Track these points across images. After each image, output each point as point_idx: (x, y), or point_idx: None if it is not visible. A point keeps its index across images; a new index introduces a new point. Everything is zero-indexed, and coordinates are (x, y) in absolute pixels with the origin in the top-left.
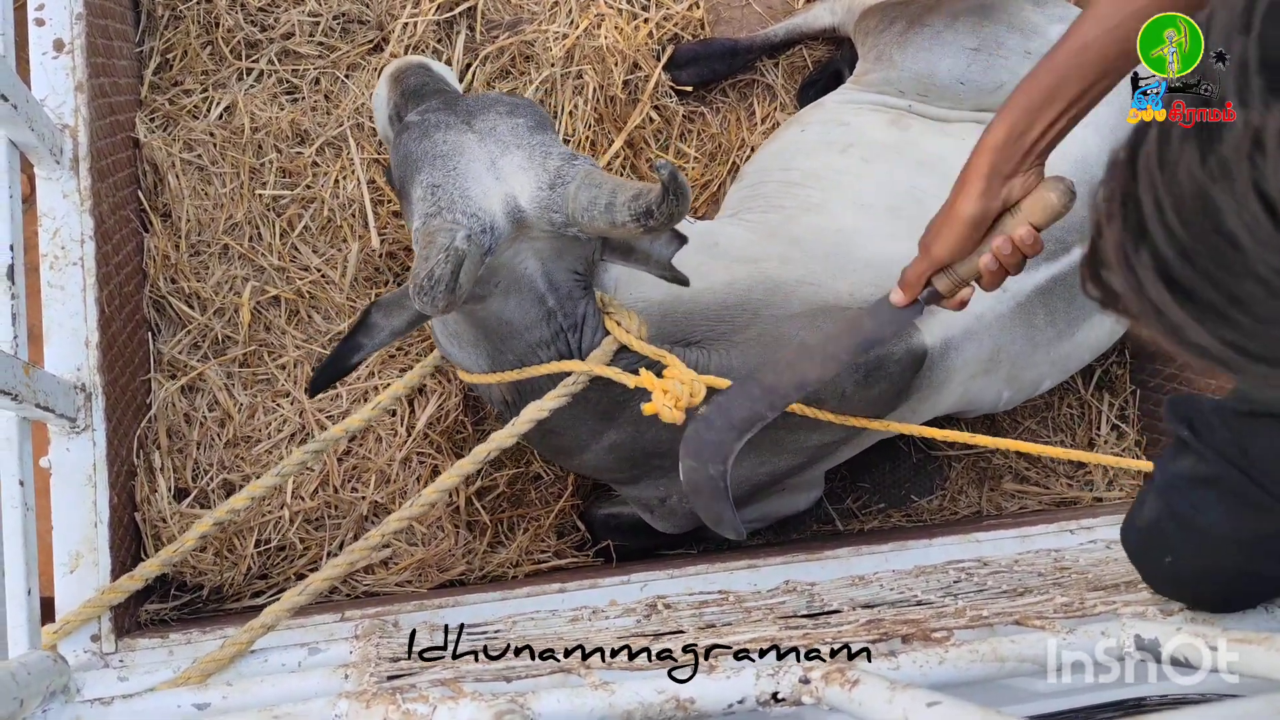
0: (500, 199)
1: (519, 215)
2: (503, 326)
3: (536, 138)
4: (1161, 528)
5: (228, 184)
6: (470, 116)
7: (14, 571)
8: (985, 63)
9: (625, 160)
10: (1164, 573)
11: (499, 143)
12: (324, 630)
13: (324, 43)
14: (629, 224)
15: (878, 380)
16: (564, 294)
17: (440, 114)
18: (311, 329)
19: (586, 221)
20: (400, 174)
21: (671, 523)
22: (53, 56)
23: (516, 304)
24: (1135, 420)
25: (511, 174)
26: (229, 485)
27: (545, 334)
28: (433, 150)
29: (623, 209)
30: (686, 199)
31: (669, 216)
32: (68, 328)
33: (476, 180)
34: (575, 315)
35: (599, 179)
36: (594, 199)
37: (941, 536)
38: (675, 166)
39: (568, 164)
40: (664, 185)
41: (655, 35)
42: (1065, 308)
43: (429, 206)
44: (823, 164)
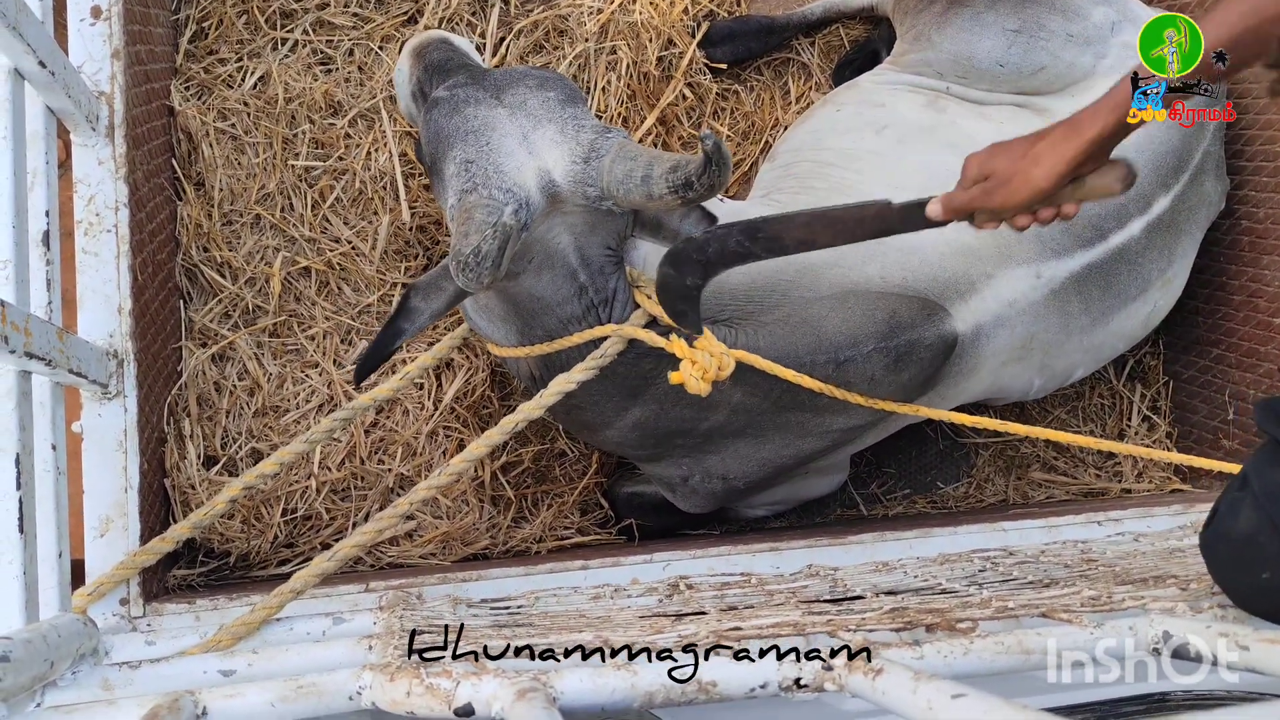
0: (534, 173)
1: (553, 189)
2: (534, 302)
3: (568, 111)
4: (1259, 541)
5: (261, 154)
6: (499, 91)
7: (45, 535)
8: (1026, 45)
9: (658, 137)
10: (1257, 587)
11: (530, 116)
12: (348, 600)
13: (359, 14)
14: (666, 196)
15: (908, 365)
16: (596, 269)
17: (469, 88)
18: (341, 300)
19: (622, 194)
20: (431, 150)
21: (693, 502)
22: (90, 23)
23: (549, 279)
24: (1167, 412)
25: (545, 148)
26: (257, 454)
27: (577, 309)
28: (464, 126)
29: (660, 181)
30: (728, 170)
31: (709, 187)
32: (101, 294)
33: (510, 155)
34: (606, 290)
35: (634, 151)
36: (630, 171)
37: (967, 524)
38: (719, 137)
39: (601, 137)
40: (707, 155)
41: (690, 11)
42: (1100, 295)
43: (464, 183)
44: (857, 144)
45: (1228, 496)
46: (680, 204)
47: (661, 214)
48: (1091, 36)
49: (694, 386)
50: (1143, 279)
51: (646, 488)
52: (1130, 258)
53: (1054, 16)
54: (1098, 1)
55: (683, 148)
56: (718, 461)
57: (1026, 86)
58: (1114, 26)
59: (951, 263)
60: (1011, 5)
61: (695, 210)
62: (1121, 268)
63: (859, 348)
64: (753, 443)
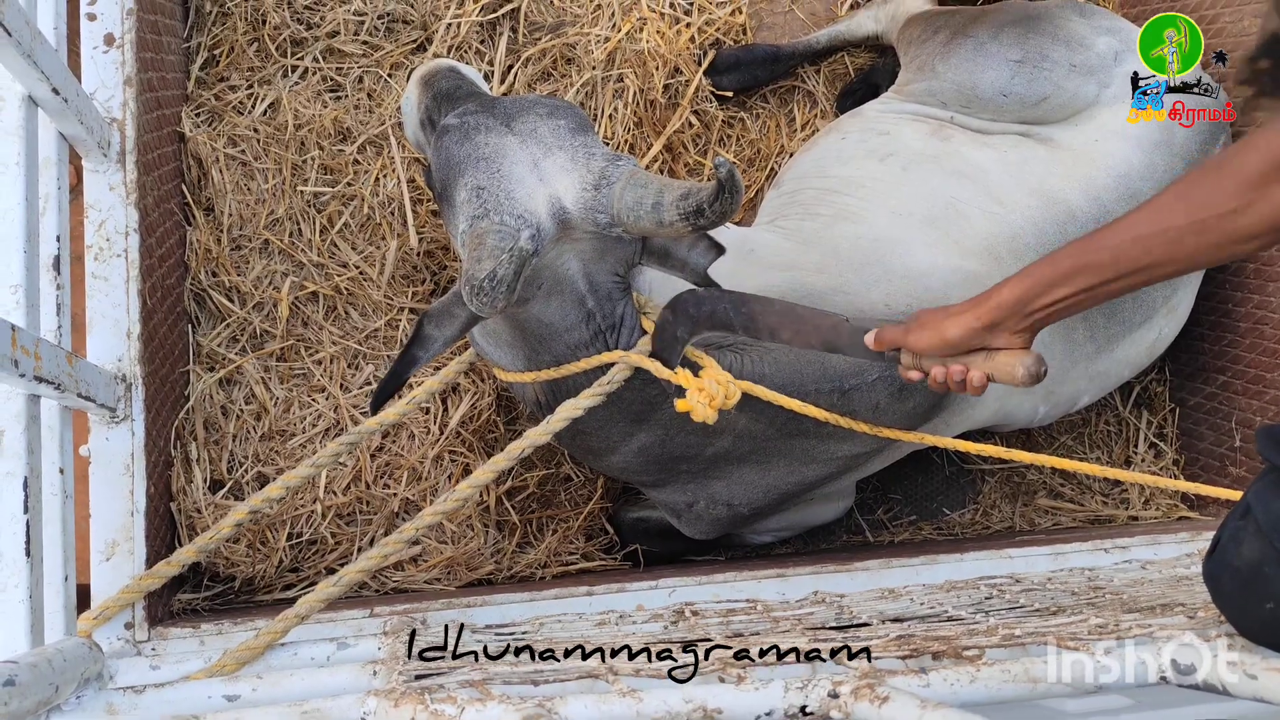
0: (545, 200)
1: (564, 216)
2: (542, 328)
3: (578, 139)
4: (1264, 573)
5: (270, 180)
6: (510, 119)
7: (52, 558)
8: (1029, 75)
9: (664, 164)
10: (1263, 619)
11: (541, 144)
12: (353, 625)
13: (368, 42)
14: (677, 223)
15: (912, 393)
16: (603, 295)
17: (479, 116)
18: (348, 325)
19: (632, 222)
20: (441, 176)
21: (698, 528)
22: (103, 51)
23: (558, 305)
24: (1173, 439)
25: (555, 175)
26: (263, 478)
27: (584, 335)
28: (475, 153)
29: (671, 208)
30: (740, 198)
31: (720, 215)
32: (110, 318)
33: (521, 182)
34: (614, 316)
35: (644, 179)
36: (640, 198)
37: (973, 551)
38: (734, 165)
39: (611, 164)
40: (720, 182)
41: (697, 40)
42: (1105, 323)
43: (475, 209)
44: (862, 172)
45: (1230, 526)
46: (690, 231)
47: (670, 242)
48: (1095, 66)
49: (701, 414)
50: (1147, 306)
51: (651, 513)
52: None
53: (1057, 47)
54: (1101, 31)
55: (689, 174)
56: (723, 487)
57: (1030, 116)
58: (1117, 56)
59: (956, 291)
60: (1015, 36)
61: (704, 239)
62: (1125, 296)
63: (863, 376)
64: (758, 469)
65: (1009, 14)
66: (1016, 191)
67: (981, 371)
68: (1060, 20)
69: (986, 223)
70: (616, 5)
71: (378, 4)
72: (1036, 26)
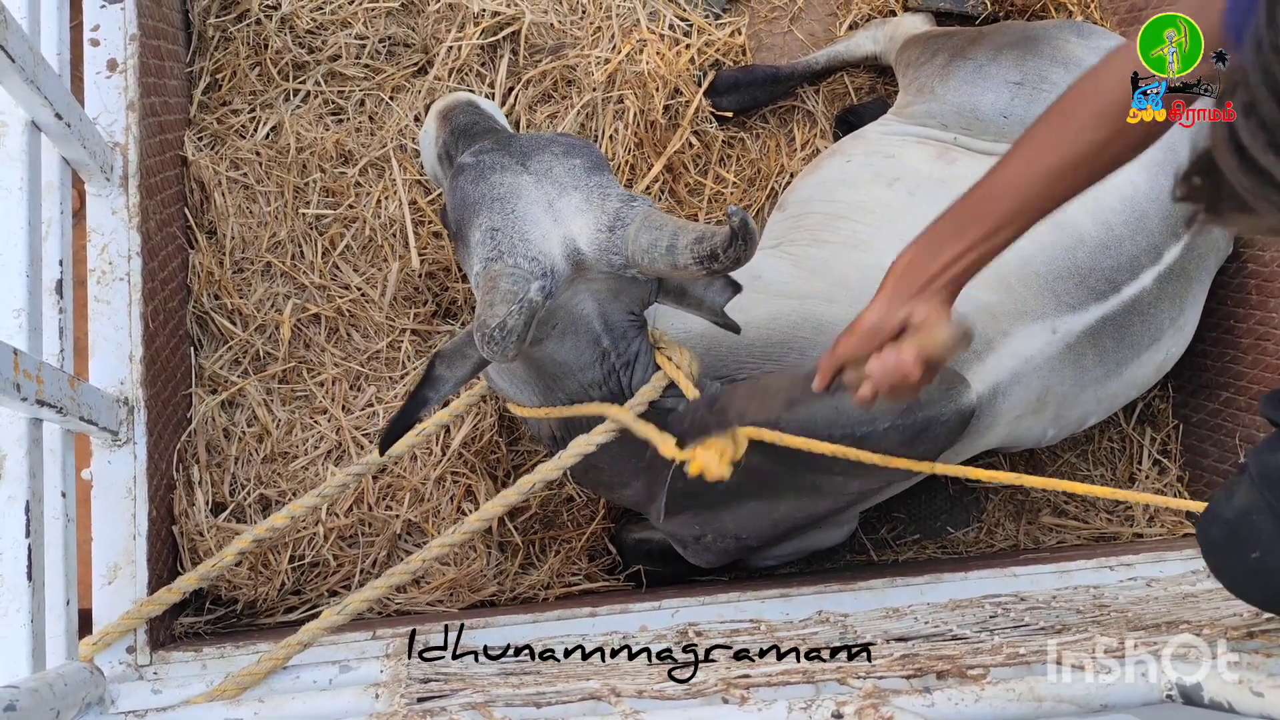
0: (559, 242)
1: (578, 258)
2: (556, 367)
3: (594, 179)
4: (1252, 520)
5: (272, 202)
6: (525, 158)
7: (54, 583)
8: (1029, 97)
9: (664, 184)
10: (1246, 568)
11: (556, 184)
12: (355, 648)
13: (370, 65)
14: (691, 266)
15: (924, 441)
16: (619, 334)
17: (495, 155)
18: (350, 347)
19: (646, 264)
20: (457, 216)
21: (705, 559)
22: (106, 76)
23: (572, 345)
24: (1178, 455)
25: (570, 216)
26: (265, 500)
27: (598, 374)
28: (490, 193)
29: (685, 252)
30: (754, 245)
31: (735, 260)
32: (112, 342)
33: (535, 223)
34: (629, 354)
35: (659, 220)
36: (655, 241)
37: (978, 570)
38: (747, 214)
39: (626, 205)
40: (733, 230)
41: (696, 61)
42: (1114, 346)
43: (489, 250)
44: (869, 197)
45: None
46: (705, 274)
47: (685, 281)
48: None
49: (715, 473)
50: (1155, 328)
51: (653, 534)
52: (1143, 308)
53: (1055, 68)
54: (1099, 52)
55: (689, 194)
56: (731, 520)
57: None
58: None
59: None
60: (1014, 58)
61: (720, 279)
62: (1135, 318)
63: (876, 424)
64: (767, 503)
65: (1007, 36)
66: None
67: (910, 347)
68: (1059, 42)
69: None
70: (616, 27)
71: (379, 28)
72: (1035, 48)
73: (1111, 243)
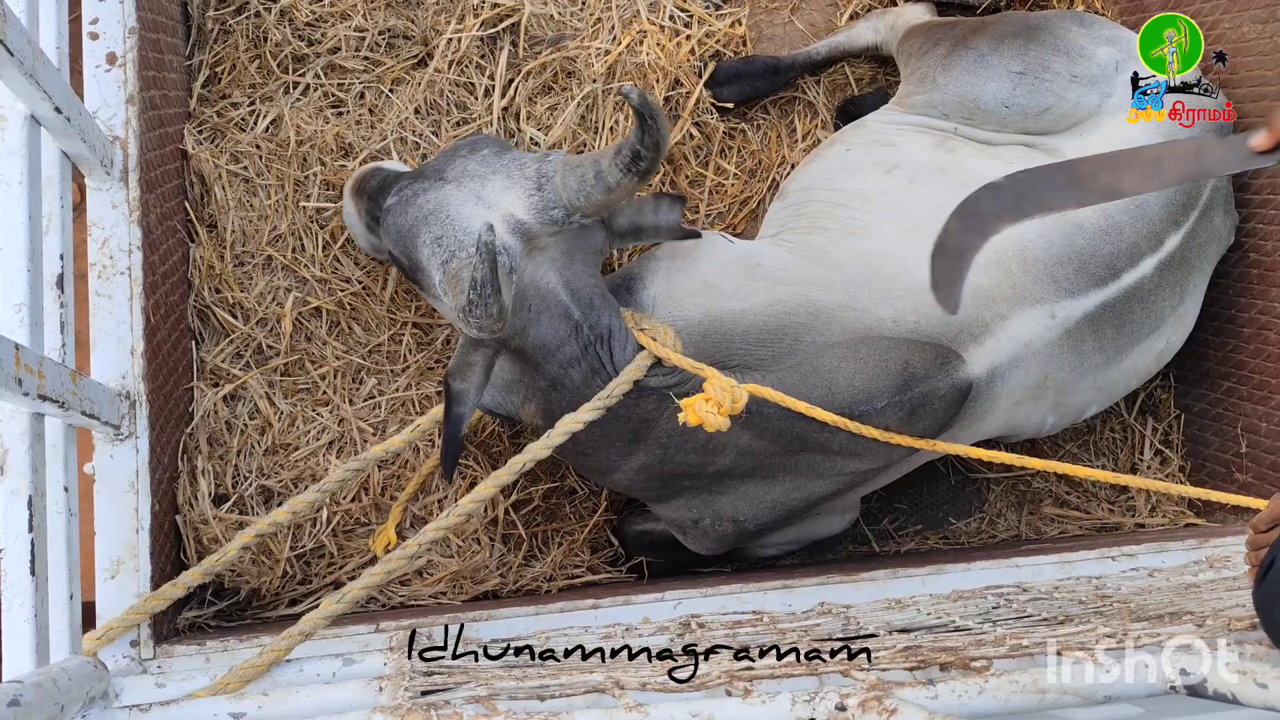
0: (500, 222)
1: (523, 228)
2: (537, 351)
3: (504, 158)
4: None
5: (272, 196)
6: (439, 172)
7: (57, 577)
8: (1031, 86)
9: (665, 176)
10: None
11: (474, 178)
12: (358, 641)
13: (369, 57)
14: (623, 179)
15: (922, 417)
16: (585, 302)
17: (412, 184)
18: (352, 340)
19: (584, 201)
20: (402, 249)
21: (704, 544)
22: (105, 70)
23: (547, 322)
24: (1179, 445)
25: (499, 197)
26: (267, 492)
27: (575, 349)
28: (421, 212)
29: (611, 168)
30: (663, 120)
31: (655, 146)
32: (114, 336)
33: (472, 217)
34: (600, 327)
35: (576, 160)
36: (582, 176)
37: (980, 560)
38: (640, 90)
39: (543, 163)
40: (637, 112)
41: (697, 52)
42: (1114, 334)
43: (441, 256)
44: (868, 185)
45: None
46: (638, 180)
47: (632, 214)
48: (1096, 76)
49: (713, 424)
50: (1156, 316)
51: (656, 525)
52: (1143, 295)
53: (1058, 58)
54: (1101, 41)
55: (690, 186)
56: (728, 504)
57: (1033, 127)
58: (1118, 65)
59: (965, 305)
60: (1016, 48)
61: (663, 198)
62: (1135, 305)
63: (873, 403)
64: (763, 485)
65: (1009, 25)
66: None
67: None
68: (1060, 31)
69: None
70: (617, 18)
71: (378, 20)
72: (1037, 38)
73: (1111, 230)
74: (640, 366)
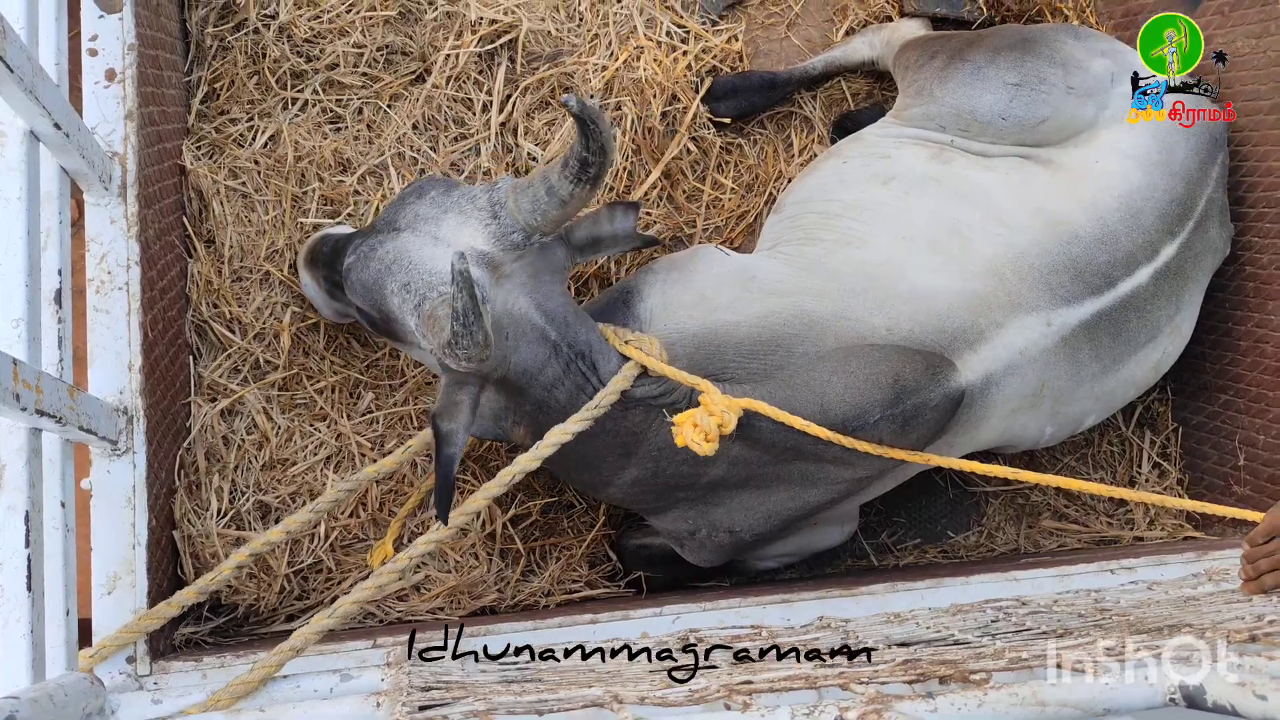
0: None
1: (487, 258)
2: (521, 377)
3: (453, 195)
4: None
5: (270, 211)
6: (391, 224)
7: (53, 593)
8: (1027, 98)
9: (662, 190)
10: None
11: (428, 221)
12: (356, 656)
13: (367, 73)
14: (575, 189)
15: (915, 428)
16: (560, 320)
17: (367, 240)
18: (349, 355)
19: (541, 219)
20: (370, 304)
21: (702, 556)
22: (104, 86)
23: (527, 348)
24: (1177, 458)
25: (456, 234)
26: (264, 507)
27: (557, 369)
28: (382, 264)
29: (561, 181)
30: (604, 121)
31: (601, 150)
32: (111, 351)
33: (434, 258)
34: (579, 343)
35: (525, 181)
36: (535, 195)
37: (979, 574)
38: (579, 97)
39: (493, 192)
40: (577, 118)
41: (694, 67)
42: (1110, 343)
43: (413, 301)
44: (864, 196)
45: None
46: (590, 189)
47: (589, 228)
48: (1092, 88)
49: (703, 450)
50: (1152, 326)
51: (654, 539)
52: (1139, 305)
53: (1054, 70)
54: (1096, 54)
55: (687, 200)
56: (723, 514)
57: (1030, 138)
58: (1114, 78)
59: (960, 313)
60: (1012, 60)
61: (616, 207)
62: (1131, 315)
63: (865, 418)
64: (757, 494)
65: (1005, 38)
66: (1019, 213)
67: None
68: (1056, 44)
69: (990, 244)
70: (614, 34)
71: (377, 36)
72: (1033, 50)
73: (1107, 238)
74: (627, 376)
